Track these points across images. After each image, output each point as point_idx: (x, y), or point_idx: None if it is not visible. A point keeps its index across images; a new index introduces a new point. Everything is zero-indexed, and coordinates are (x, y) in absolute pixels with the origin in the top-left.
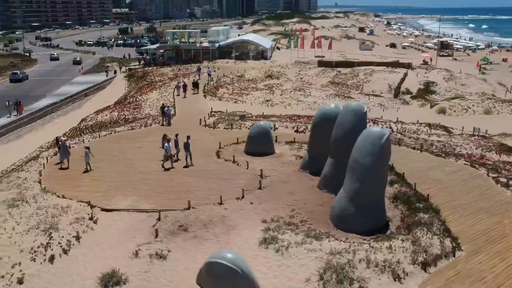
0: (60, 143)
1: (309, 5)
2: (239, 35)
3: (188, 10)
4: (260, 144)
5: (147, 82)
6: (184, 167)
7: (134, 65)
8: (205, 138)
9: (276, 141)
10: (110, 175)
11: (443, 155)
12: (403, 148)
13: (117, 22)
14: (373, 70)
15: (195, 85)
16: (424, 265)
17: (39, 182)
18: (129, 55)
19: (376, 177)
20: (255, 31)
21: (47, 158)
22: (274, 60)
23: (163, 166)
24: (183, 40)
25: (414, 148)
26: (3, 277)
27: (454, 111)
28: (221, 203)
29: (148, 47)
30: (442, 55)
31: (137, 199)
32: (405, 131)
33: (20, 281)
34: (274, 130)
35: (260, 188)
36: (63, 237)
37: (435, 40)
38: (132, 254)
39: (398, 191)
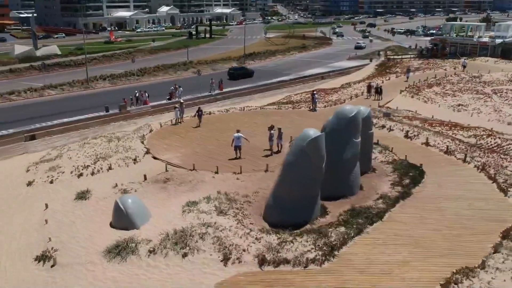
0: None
1: None
2: None
3: None
4: None
5: (384, 72)
6: (275, 152)
7: (411, 54)
8: (308, 125)
9: None
10: (195, 137)
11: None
12: (479, 175)
13: (466, 10)
14: None
15: (378, 91)
16: (262, 261)
17: (150, 131)
18: (415, 45)
19: (293, 175)
20: None
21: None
22: None
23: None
24: (461, 33)
25: (489, 178)
26: (48, 177)
27: None
28: (216, 172)
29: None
30: None
31: (179, 156)
32: None
33: (51, 182)
34: None
35: (266, 170)
36: (101, 165)
37: None
38: (113, 185)
39: (369, 206)
